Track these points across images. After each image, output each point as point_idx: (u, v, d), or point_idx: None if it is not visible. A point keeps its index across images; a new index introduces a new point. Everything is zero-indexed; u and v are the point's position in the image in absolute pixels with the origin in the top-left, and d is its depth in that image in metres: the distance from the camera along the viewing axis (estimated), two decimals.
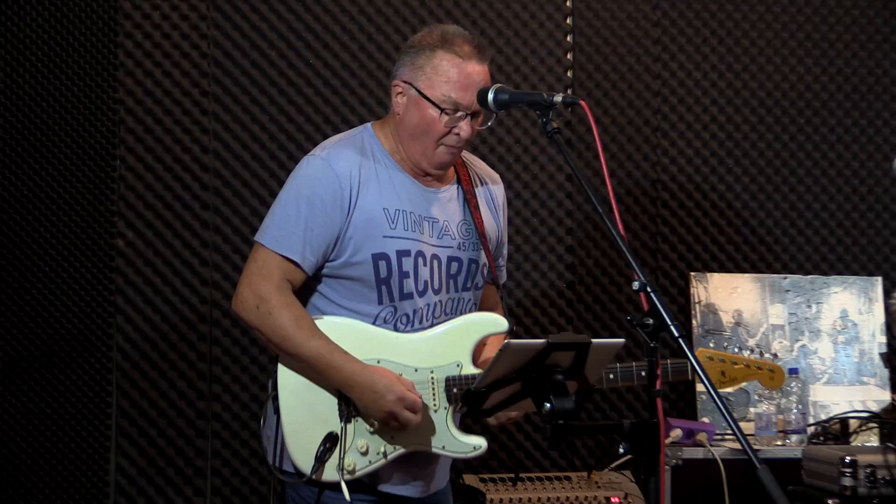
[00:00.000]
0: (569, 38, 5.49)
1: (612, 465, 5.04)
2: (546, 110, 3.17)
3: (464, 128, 3.37)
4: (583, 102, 3.14)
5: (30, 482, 5.04)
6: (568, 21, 5.49)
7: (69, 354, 5.07)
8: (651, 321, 2.76)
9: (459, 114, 3.34)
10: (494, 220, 3.59)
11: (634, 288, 2.81)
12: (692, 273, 5.52)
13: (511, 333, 3.47)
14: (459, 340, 3.40)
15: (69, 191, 5.10)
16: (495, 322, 3.45)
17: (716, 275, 5.53)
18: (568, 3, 5.49)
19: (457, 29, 3.42)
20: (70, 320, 5.08)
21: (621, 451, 2.79)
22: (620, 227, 2.92)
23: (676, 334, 2.72)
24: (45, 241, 5.08)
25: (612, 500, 4.76)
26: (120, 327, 5.05)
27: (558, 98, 3.16)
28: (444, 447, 3.35)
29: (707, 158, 5.64)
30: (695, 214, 5.61)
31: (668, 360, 3.50)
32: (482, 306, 3.58)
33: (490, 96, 3.27)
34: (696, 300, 5.46)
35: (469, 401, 3.17)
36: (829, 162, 5.74)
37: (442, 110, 3.33)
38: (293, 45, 5.21)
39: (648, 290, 2.79)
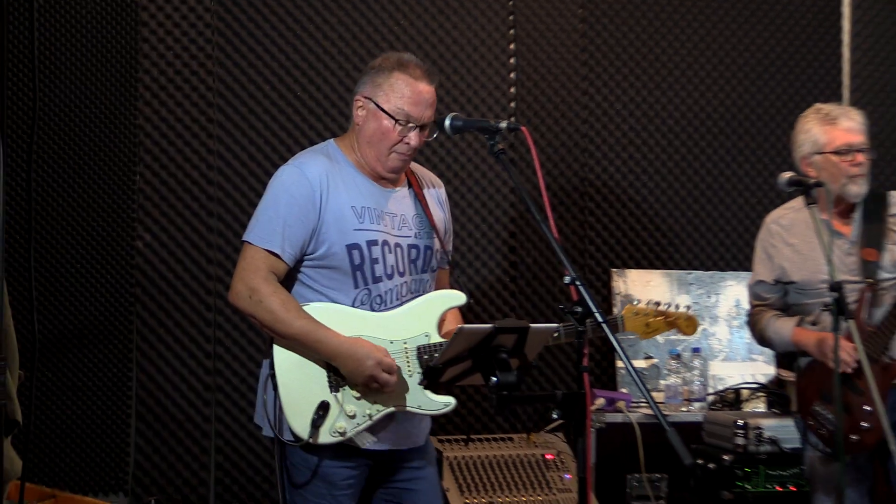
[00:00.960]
0: (512, 75, 5.49)
1: (548, 429, 5.04)
2: (493, 134, 3.18)
3: (413, 138, 3.36)
4: (524, 128, 3.16)
5: (63, 442, 5.01)
6: (512, 60, 5.49)
7: (97, 337, 5.04)
8: (579, 309, 2.77)
9: (410, 125, 3.34)
10: (442, 213, 3.57)
11: (566, 281, 2.82)
12: (613, 269, 5.53)
13: (468, 305, 3.46)
14: (426, 314, 3.38)
15: (97, 200, 5.07)
16: (455, 297, 3.45)
17: (633, 271, 5.54)
18: (512, 46, 5.49)
19: (410, 56, 3.44)
20: (98, 308, 5.05)
21: (555, 416, 2.80)
22: (554, 230, 2.93)
23: (601, 319, 2.73)
24: (77, 242, 5.04)
25: (547, 456, 4.77)
26: (139, 314, 5.02)
27: (503, 124, 3.17)
28: (419, 406, 3.33)
29: (626, 174, 5.65)
30: (616, 220, 5.62)
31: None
32: (438, 287, 3.55)
33: (447, 122, 3.26)
34: (617, 292, 5.47)
35: (429, 375, 3.16)
36: (725, 177, 5.77)
37: (396, 121, 3.33)
38: (283, 81, 5.20)
39: (577, 283, 2.80)
